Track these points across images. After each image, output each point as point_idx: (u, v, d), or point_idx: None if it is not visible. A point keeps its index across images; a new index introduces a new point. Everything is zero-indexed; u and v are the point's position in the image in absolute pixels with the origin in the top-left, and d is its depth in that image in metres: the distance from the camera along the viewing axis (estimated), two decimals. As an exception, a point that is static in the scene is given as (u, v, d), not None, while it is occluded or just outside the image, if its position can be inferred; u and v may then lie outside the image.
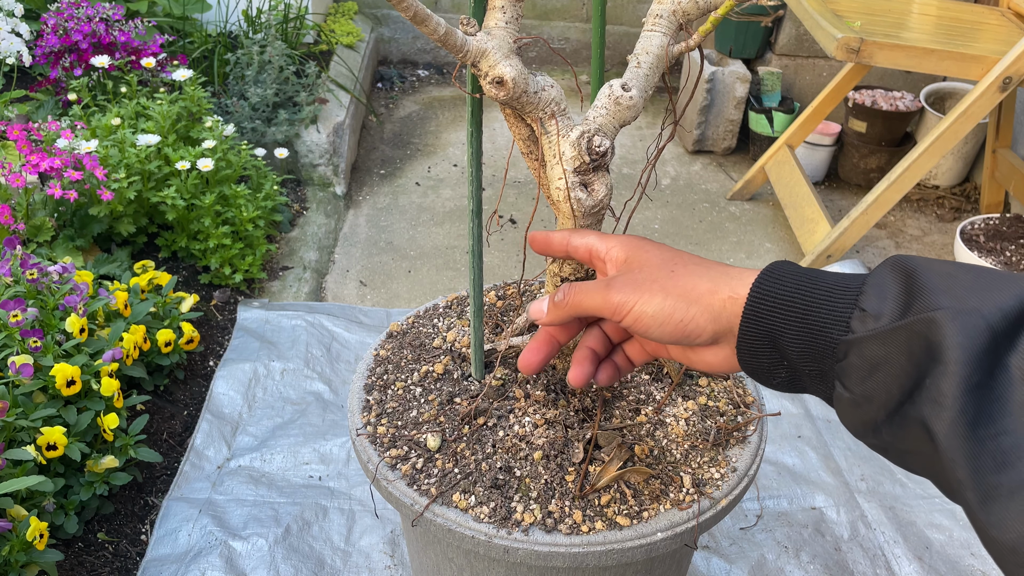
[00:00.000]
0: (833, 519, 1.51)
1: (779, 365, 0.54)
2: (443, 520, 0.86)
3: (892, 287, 0.48)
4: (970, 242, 1.94)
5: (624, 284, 0.60)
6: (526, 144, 0.83)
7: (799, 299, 0.52)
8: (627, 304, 0.59)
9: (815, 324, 0.51)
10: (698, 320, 0.57)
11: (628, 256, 0.63)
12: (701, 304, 0.57)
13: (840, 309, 0.50)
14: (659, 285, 0.58)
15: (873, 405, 0.48)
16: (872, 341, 0.47)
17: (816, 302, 0.51)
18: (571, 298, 0.63)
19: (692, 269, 0.59)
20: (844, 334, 0.49)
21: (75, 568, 1.32)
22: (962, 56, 1.89)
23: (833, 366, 0.50)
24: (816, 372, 0.52)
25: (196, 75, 2.13)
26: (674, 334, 0.58)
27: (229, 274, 1.95)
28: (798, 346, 0.52)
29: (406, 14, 0.66)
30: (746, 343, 0.55)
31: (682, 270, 0.59)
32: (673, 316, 0.57)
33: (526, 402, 0.96)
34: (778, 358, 0.54)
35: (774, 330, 0.53)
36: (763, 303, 0.54)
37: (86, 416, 1.35)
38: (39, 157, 1.67)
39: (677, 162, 2.85)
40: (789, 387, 0.56)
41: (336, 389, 1.75)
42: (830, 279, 0.52)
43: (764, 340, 0.54)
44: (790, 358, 0.53)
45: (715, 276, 0.58)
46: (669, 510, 0.87)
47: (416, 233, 2.39)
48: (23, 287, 1.44)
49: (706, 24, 0.75)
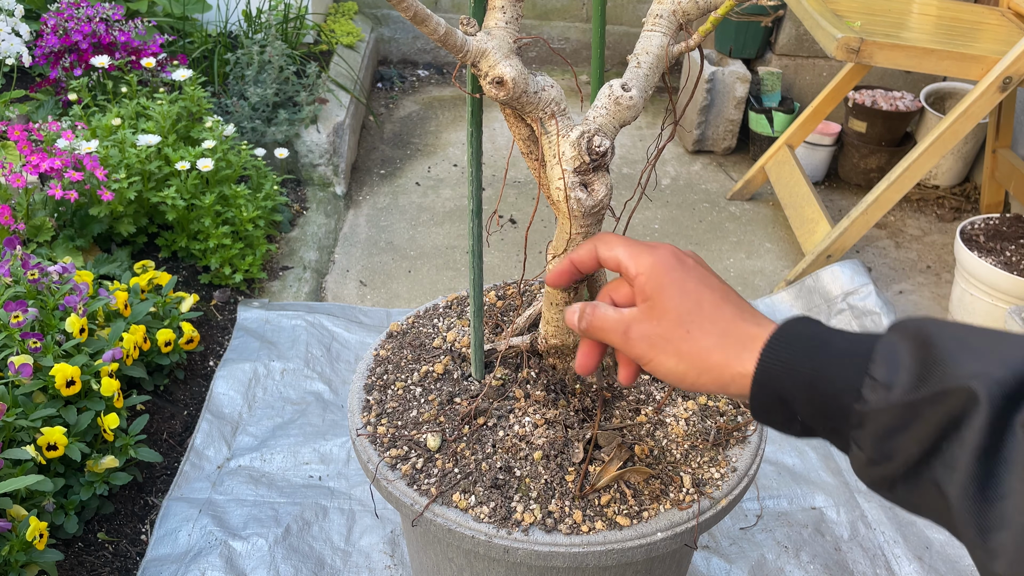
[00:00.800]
0: (833, 519, 1.51)
1: (792, 421, 0.56)
2: (443, 520, 0.86)
3: (904, 356, 0.49)
4: (970, 242, 1.94)
5: (640, 339, 0.61)
6: (526, 144, 0.83)
7: (808, 366, 0.53)
8: (644, 358, 0.61)
9: (826, 391, 0.52)
10: (710, 386, 0.59)
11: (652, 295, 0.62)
12: (712, 374, 0.58)
13: (851, 377, 0.51)
14: (673, 347, 0.60)
15: (889, 466, 0.50)
16: (887, 413, 0.48)
17: (826, 369, 0.52)
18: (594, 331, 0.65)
19: (708, 331, 0.59)
20: (857, 402, 0.50)
21: (75, 568, 1.32)
22: (962, 56, 1.89)
23: (848, 431, 0.51)
24: (830, 429, 0.53)
25: (196, 75, 2.13)
26: (691, 390, 0.62)
27: (229, 274, 1.95)
28: (809, 410, 0.53)
29: (406, 14, 0.66)
30: (758, 404, 0.56)
31: (697, 332, 0.59)
32: (685, 379, 0.60)
33: (526, 402, 0.96)
34: (790, 416, 0.55)
35: (784, 395, 0.54)
36: (774, 368, 0.55)
37: (86, 416, 1.35)
38: (39, 157, 1.67)
39: (677, 162, 2.85)
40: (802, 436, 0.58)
41: (336, 389, 1.75)
42: (839, 343, 0.53)
43: (775, 402, 0.55)
44: (803, 417, 0.54)
45: (728, 345, 0.58)
46: (669, 510, 0.87)
47: (416, 233, 2.39)
48: (23, 287, 1.44)
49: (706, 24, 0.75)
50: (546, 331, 0.95)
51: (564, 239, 0.82)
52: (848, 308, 2.00)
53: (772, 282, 2.25)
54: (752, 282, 2.25)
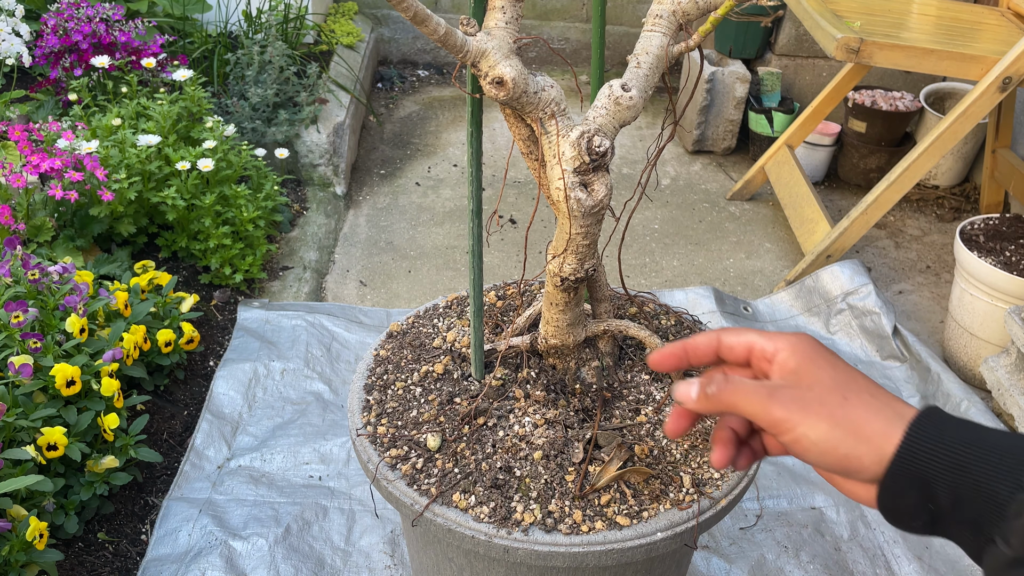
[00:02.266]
0: (833, 519, 1.51)
1: (923, 509, 0.52)
2: (443, 520, 0.86)
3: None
4: (970, 242, 1.94)
5: (790, 400, 0.55)
6: (526, 144, 0.83)
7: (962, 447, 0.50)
8: (789, 423, 0.55)
9: (980, 476, 0.49)
10: (864, 460, 0.53)
11: (799, 366, 0.57)
12: (871, 444, 0.53)
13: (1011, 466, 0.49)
14: (828, 411, 0.54)
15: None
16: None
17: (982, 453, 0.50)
18: (727, 396, 0.57)
19: (867, 400, 0.55)
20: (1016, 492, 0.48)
21: (75, 568, 1.32)
22: (962, 56, 1.89)
23: (997, 523, 0.49)
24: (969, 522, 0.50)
25: (196, 75, 2.13)
26: (834, 466, 0.54)
27: (229, 274, 1.95)
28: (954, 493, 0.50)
29: (406, 14, 0.66)
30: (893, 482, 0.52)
31: (855, 399, 0.55)
32: (838, 449, 0.53)
33: (526, 402, 0.96)
34: (924, 503, 0.52)
35: (929, 473, 0.51)
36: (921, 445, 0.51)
37: (86, 416, 1.35)
38: (40, 158, 1.67)
39: (677, 162, 2.85)
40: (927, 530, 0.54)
41: (336, 389, 1.75)
42: (996, 434, 0.51)
43: (914, 482, 0.52)
44: (941, 505, 0.51)
45: (890, 416, 0.54)
46: (669, 510, 0.87)
47: (416, 233, 2.39)
48: (23, 287, 1.44)
49: (706, 24, 0.75)
50: (546, 331, 0.95)
51: (564, 239, 0.83)
52: (848, 308, 2.00)
53: (772, 282, 2.25)
54: (752, 282, 2.25)
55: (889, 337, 1.92)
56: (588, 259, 0.85)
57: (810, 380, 0.56)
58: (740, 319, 2.00)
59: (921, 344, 1.89)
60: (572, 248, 0.83)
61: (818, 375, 0.56)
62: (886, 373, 1.88)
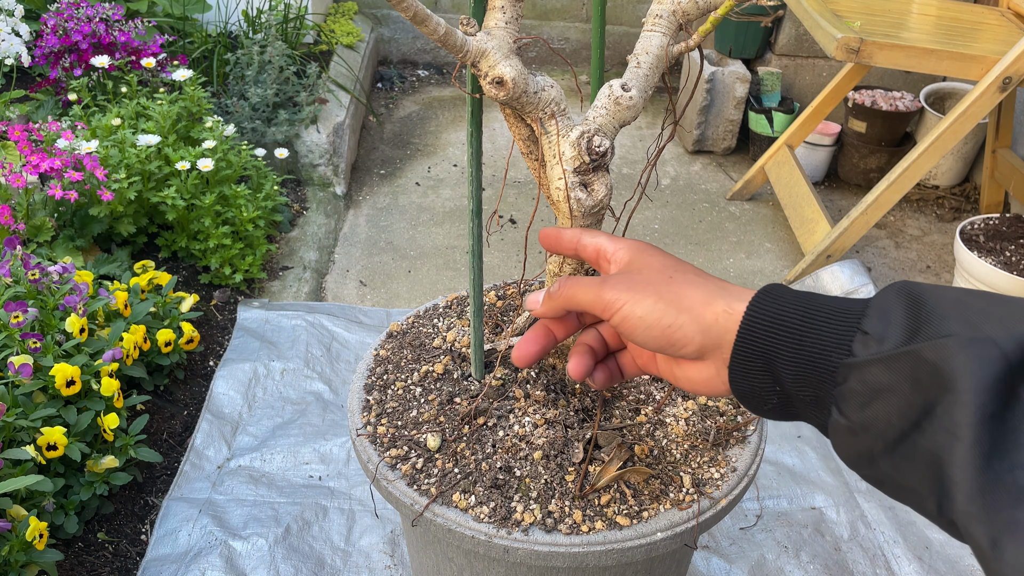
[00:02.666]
0: (833, 519, 1.51)
1: (771, 390, 0.52)
2: (443, 520, 0.86)
3: (898, 311, 0.46)
4: (970, 242, 1.94)
5: (619, 282, 0.59)
6: (526, 144, 0.83)
7: (798, 320, 0.50)
8: (618, 302, 0.58)
9: (814, 346, 0.49)
10: (686, 329, 0.55)
11: (632, 258, 0.62)
12: (692, 314, 0.55)
13: (841, 331, 0.48)
14: (653, 288, 0.57)
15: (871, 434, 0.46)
16: (875, 365, 0.45)
17: (816, 323, 0.49)
18: (566, 290, 0.62)
19: (690, 279, 0.57)
20: (845, 357, 0.47)
21: (75, 568, 1.32)
22: (962, 56, 1.89)
23: (831, 391, 0.48)
24: (811, 398, 0.50)
25: (196, 75, 2.13)
26: (659, 340, 0.56)
27: (229, 274, 1.95)
28: (794, 369, 0.50)
29: (406, 14, 0.66)
30: (739, 364, 0.53)
31: (680, 277, 0.58)
32: (661, 321, 0.56)
33: (526, 402, 0.96)
34: (771, 382, 0.52)
35: (769, 351, 0.51)
36: (760, 322, 0.52)
37: (86, 416, 1.35)
38: (39, 157, 1.67)
39: (677, 162, 2.85)
40: (780, 414, 0.54)
41: (336, 389, 1.75)
42: (831, 302, 0.51)
43: (758, 362, 0.52)
44: (784, 382, 0.51)
45: (712, 289, 0.56)
46: (669, 510, 0.87)
47: (416, 233, 2.39)
48: (23, 287, 1.44)
49: (706, 24, 0.75)
50: (546, 331, 0.95)
51: (564, 239, 0.82)
52: (848, 308, 2.00)
53: (772, 282, 2.25)
54: (752, 282, 2.24)
55: (889, 337, 1.92)
56: (588, 259, 0.85)
57: (640, 266, 0.61)
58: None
59: (921, 344, 1.89)
60: (572, 248, 0.83)
61: (648, 261, 0.61)
62: (886, 373, 1.88)
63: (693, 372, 0.58)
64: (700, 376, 0.57)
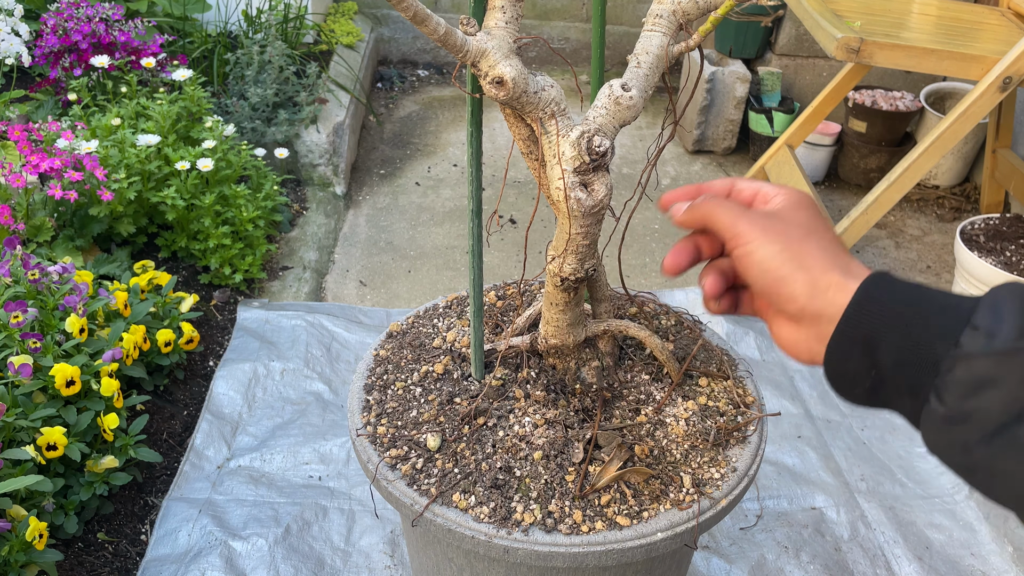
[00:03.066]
0: (833, 519, 1.51)
1: (867, 374, 0.53)
2: (443, 520, 0.86)
3: (1010, 308, 0.48)
4: (970, 242, 1.94)
5: (757, 220, 0.60)
6: (526, 144, 0.83)
7: (907, 308, 0.52)
8: (747, 236, 0.59)
9: (921, 335, 0.50)
10: (795, 287, 0.56)
11: (784, 206, 0.62)
12: (807, 275, 0.56)
13: (952, 324, 0.50)
14: (784, 238, 0.58)
15: (971, 423, 0.48)
16: (984, 359, 0.47)
17: (925, 313, 0.51)
18: (709, 206, 0.63)
19: (823, 244, 0.58)
20: (952, 349, 0.49)
21: (75, 568, 1.32)
22: (962, 56, 1.89)
23: (932, 380, 0.50)
24: (908, 386, 0.51)
25: (196, 75, 2.13)
26: (768, 287, 0.58)
27: (229, 274, 1.95)
28: (898, 355, 0.51)
29: (406, 14, 0.66)
30: (839, 343, 0.54)
31: (815, 238, 0.58)
32: (778, 270, 0.57)
33: (526, 402, 0.96)
34: (868, 365, 0.53)
35: (873, 335, 0.52)
36: (869, 305, 0.53)
37: (86, 416, 1.35)
38: (39, 157, 1.67)
39: (677, 162, 2.85)
40: (866, 398, 0.55)
41: (336, 389, 1.75)
42: (941, 296, 0.52)
43: (859, 344, 0.53)
44: (882, 366, 0.52)
45: (835, 258, 0.57)
46: (669, 510, 0.87)
47: (416, 233, 2.39)
48: (23, 287, 1.44)
49: (706, 24, 0.75)
50: (546, 331, 0.95)
51: (564, 239, 0.82)
52: (848, 308, 2.00)
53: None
54: (752, 282, 2.24)
55: (889, 337, 1.92)
56: (588, 259, 0.85)
57: (785, 216, 0.61)
58: (740, 319, 2.00)
59: (921, 344, 1.89)
60: (572, 248, 0.83)
61: (795, 216, 0.61)
62: (886, 373, 1.88)
63: (787, 330, 0.59)
64: (791, 336, 0.59)
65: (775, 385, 1.81)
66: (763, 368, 1.86)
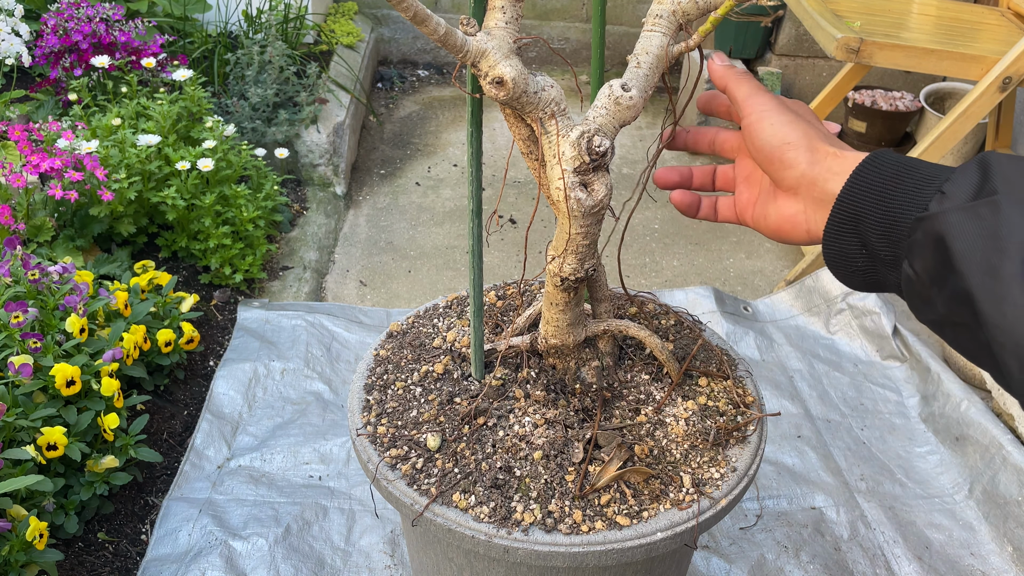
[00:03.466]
0: (833, 519, 1.51)
1: (858, 253, 0.57)
2: (443, 520, 0.86)
3: (973, 175, 0.51)
4: (970, 242, 1.94)
5: (772, 98, 0.66)
6: (526, 144, 0.83)
7: (890, 184, 0.55)
8: (761, 106, 0.65)
9: (900, 206, 0.53)
10: (799, 153, 0.61)
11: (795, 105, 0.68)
12: (810, 143, 0.61)
13: (925, 193, 0.53)
14: (793, 116, 0.64)
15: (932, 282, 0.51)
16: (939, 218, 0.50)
17: (904, 186, 0.54)
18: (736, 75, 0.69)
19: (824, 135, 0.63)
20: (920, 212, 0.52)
21: (75, 568, 1.32)
22: (962, 56, 1.89)
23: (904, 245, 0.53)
24: (891, 258, 0.54)
25: (196, 75, 2.13)
26: (773, 152, 0.63)
27: (229, 274, 1.95)
28: (878, 229, 0.54)
29: (406, 14, 0.66)
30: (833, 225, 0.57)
31: (818, 127, 0.64)
32: (784, 136, 0.62)
33: (526, 402, 0.96)
34: (859, 244, 0.56)
35: (860, 211, 0.56)
36: (858, 184, 0.56)
37: (86, 416, 1.35)
38: (40, 157, 1.67)
39: (677, 162, 2.85)
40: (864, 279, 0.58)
41: (336, 389, 1.75)
42: (926, 167, 0.55)
43: (850, 223, 0.57)
44: (870, 242, 0.55)
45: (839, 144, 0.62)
46: (669, 510, 0.87)
47: (416, 233, 2.39)
48: (23, 287, 1.44)
49: (706, 24, 0.75)
50: (546, 331, 0.95)
51: (564, 239, 0.83)
52: (848, 308, 2.00)
53: (772, 282, 2.25)
54: (752, 282, 2.25)
55: (889, 337, 1.92)
56: (588, 259, 0.85)
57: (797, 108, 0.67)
58: (740, 319, 2.00)
59: (921, 344, 1.89)
60: (572, 248, 0.83)
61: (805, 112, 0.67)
62: (886, 373, 1.88)
63: (784, 206, 0.64)
64: (788, 211, 0.63)
65: (775, 385, 1.81)
66: (763, 368, 1.86)
